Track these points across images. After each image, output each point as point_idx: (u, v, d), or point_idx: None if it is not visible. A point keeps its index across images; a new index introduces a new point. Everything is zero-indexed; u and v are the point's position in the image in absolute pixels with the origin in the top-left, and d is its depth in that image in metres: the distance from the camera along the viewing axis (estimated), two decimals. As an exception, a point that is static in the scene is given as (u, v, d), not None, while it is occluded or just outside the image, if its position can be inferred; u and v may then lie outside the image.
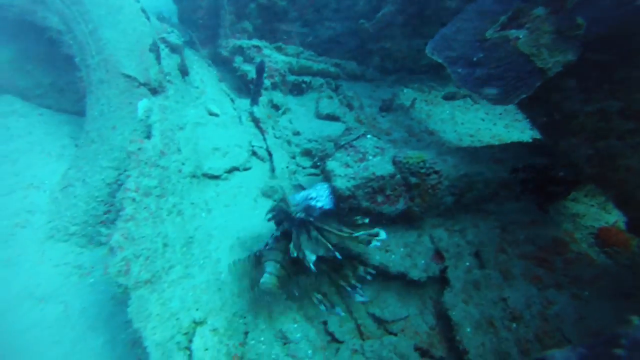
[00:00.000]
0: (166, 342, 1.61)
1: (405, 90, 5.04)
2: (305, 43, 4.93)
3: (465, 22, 2.65)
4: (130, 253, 1.68)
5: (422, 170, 2.40)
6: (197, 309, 1.82)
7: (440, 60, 2.62)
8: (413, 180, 2.42)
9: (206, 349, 1.65)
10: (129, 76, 2.70)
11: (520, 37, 2.23)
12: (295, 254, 2.00)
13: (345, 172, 2.43)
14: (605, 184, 2.24)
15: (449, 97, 4.97)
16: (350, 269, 2.26)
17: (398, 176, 2.44)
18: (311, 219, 2.19)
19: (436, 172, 2.42)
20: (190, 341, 1.68)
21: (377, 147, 2.57)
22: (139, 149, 2.17)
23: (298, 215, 2.18)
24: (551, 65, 2.09)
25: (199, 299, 1.91)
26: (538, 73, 2.13)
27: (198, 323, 1.77)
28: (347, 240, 2.12)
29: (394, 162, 2.46)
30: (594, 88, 2.13)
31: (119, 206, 1.91)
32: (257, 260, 2.17)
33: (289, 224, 2.20)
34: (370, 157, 2.50)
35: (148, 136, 2.54)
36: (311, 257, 2.00)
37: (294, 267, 2.11)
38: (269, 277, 2.00)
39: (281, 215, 2.26)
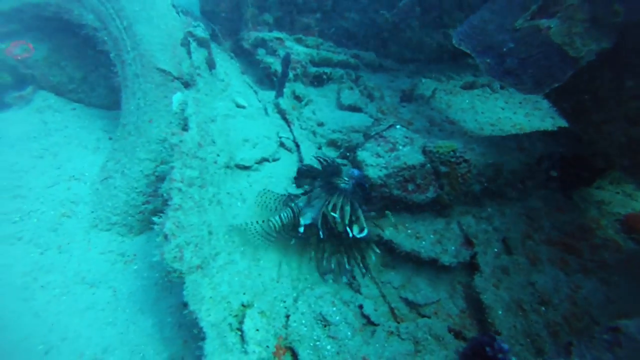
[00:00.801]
0: (220, 323, 1.71)
1: (423, 80, 5.04)
2: (324, 34, 4.96)
3: (493, 12, 2.67)
4: (182, 240, 1.78)
5: (453, 160, 2.45)
6: (244, 293, 1.93)
7: (468, 51, 2.65)
8: (443, 169, 2.48)
9: (257, 330, 1.76)
10: (163, 70, 2.78)
11: (552, 26, 2.25)
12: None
13: (376, 161, 2.50)
14: (638, 172, 2.27)
15: (467, 87, 4.98)
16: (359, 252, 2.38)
17: (428, 165, 2.50)
18: (344, 191, 2.33)
19: (466, 161, 2.47)
20: (241, 322, 1.79)
21: (407, 137, 2.63)
22: (181, 141, 2.26)
23: (342, 185, 2.32)
24: (584, 54, 2.11)
25: (244, 283, 2.02)
26: (570, 62, 2.16)
27: (246, 306, 1.88)
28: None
29: (424, 152, 2.52)
30: (627, 75, 2.15)
31: (166, 196, 2.01)
32: (285, 203, 2.42)
33: (321, 183, 2.34)
34: (400, 147, 2.56)
35: (184, 128, 2.64)
36: (305, 220, 2.18)
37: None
38: (276, 219, 2.24)
39: (326, 172, 2.41)
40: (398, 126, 2.68)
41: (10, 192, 2.71)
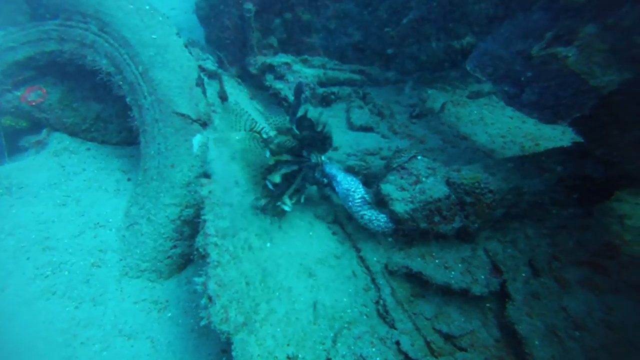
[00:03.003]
0: (270, 381, 1.75)
1: (429, 92, 5.08)
2: (328, 52, 4.98)
3: (506, 38, 2.69)
4: (225, 300, 1.81)
5: (477, 191, 2.48)
6: (287, 344, 1.96)
7: (484, 78, 2.68)
8: (468, 199, 2.51)
9: (306, 384, 1.80)
10: (182, 114, 2.80)
11: (570, 55, 2.27)
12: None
13: (402, 195, 2.53)
14: (663, 194, 2.30)
15: (473, 96, 5.01)
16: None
17: (453, 196, 2.52)
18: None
19: (491, 192, 2.50)
20: (289, 377, 1.83)
21: (429, 168, 2.65)
22: (210, 192, 2.29)
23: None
24: (605, 84, 2.14)
25: (286, 332, 2.04)
26: (591, 92, 2.18)
27: (292, 358, 1.91)
28: None
29: (448, 183, 2.55)
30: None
31: (202, 252, 2.04)
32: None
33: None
34: (424, 179, 2.59)
35: (207, 173, 2.66)
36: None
37: None
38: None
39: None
40: (419, 157, 2.71)
41: (40, 245, 2.73)
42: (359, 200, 2.59)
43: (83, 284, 2.59)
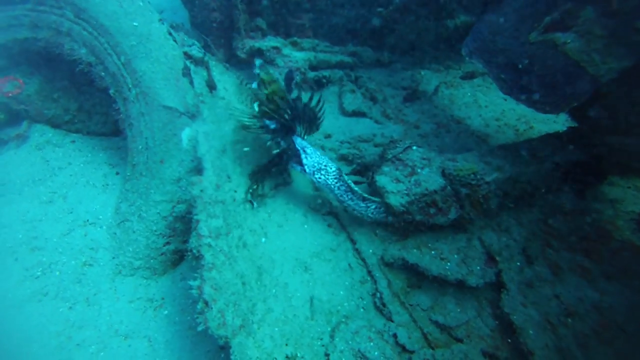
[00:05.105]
0: (269, 382, 1.75)
1: (423, 72, 4.98)
2: (319, 34, 4.81)
3: (503, 21, 2.60)
4: (222, 303, 1.78)
5: (473, 182, 2.45)
6: (286, 344, 1.96)
7: (481, 64, 2.61)
8: (464, 191, 2.49)
9: (305, 385, 1.81)
10: (169, 107, 2.69)
11: (569, 41, 2.20)
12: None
13: (397, 188, 2.50)
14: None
15: (467, 77, 4.92)
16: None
17: (449, 188, 2.50)
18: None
19: (487, 183, 2.47)
20: (289, 377, 1.83)
21: (424, 158, 2.61)
22: (202, 190, 2.22)
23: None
24: (604, 72, 2.09)
25: (283, 331, 2.04)
26: (590, 80, 2.13)
27: (291, 358, 1.92)
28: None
29: (444, 174, 2.51)
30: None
31: (197, 253, 1.99)
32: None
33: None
34: (419, 170, 2.55)
35: (198, 168, 2.59)
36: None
37: None
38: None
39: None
40: (414, 147, 2.66)
41: (28, 245, 2.66)
42: (335, 172, 2.60)
43: (75, 284, 2.54)
